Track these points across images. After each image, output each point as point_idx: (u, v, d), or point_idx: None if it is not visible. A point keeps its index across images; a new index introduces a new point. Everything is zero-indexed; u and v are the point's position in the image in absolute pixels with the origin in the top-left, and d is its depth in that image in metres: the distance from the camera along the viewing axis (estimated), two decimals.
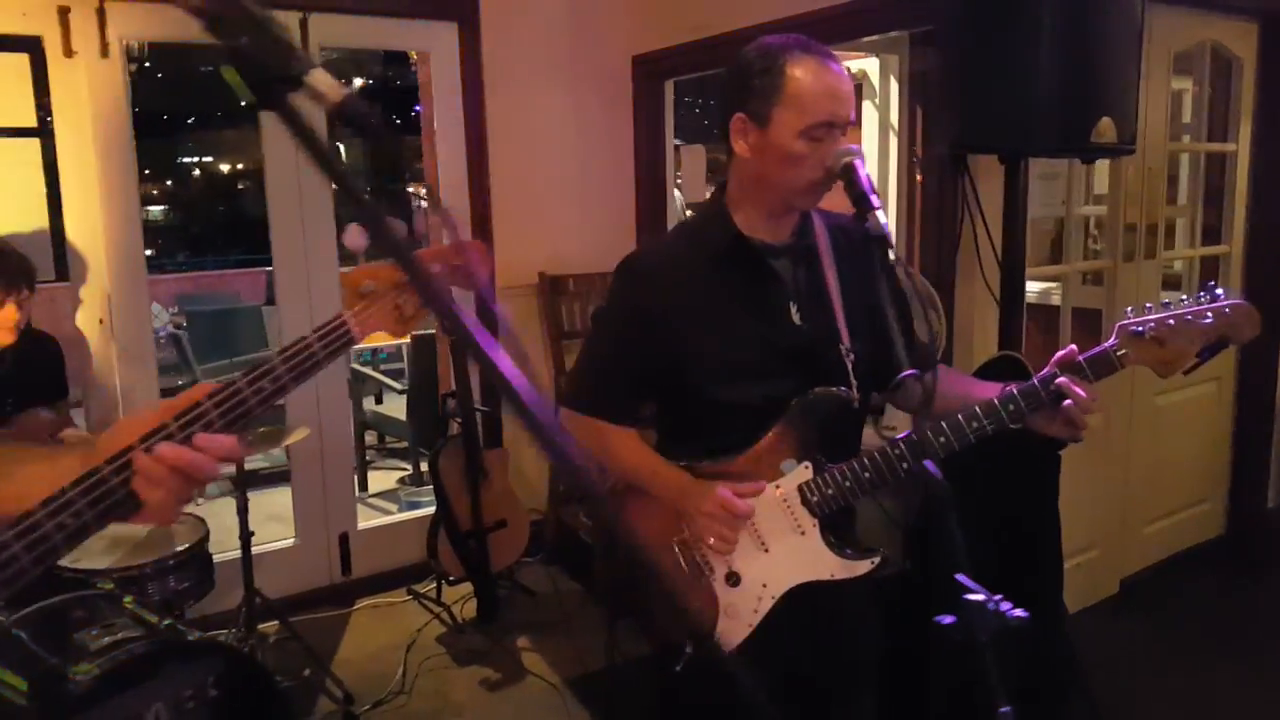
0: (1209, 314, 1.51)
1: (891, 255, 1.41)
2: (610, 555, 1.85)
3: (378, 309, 1.15)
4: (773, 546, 1.66)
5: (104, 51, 3.32)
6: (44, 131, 3.33)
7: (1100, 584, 3.86)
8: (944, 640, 1.18)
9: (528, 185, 4.22)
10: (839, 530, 1.69)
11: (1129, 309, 1.57)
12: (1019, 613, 1.19)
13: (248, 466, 5.39)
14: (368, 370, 5.83)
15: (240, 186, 22.03)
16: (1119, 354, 1.54)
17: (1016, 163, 2.55)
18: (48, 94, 3.28)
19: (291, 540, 4.08)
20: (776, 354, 1.66)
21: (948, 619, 1.20)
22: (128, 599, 2.44)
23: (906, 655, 2.40)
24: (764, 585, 1.67)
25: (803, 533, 1.65)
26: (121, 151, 3.44)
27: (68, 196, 3.37)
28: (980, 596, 1.19)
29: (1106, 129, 2.35)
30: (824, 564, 1.65)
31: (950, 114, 2.50)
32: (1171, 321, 1.52)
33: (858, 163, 1.52)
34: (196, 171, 20.81)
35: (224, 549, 4.09)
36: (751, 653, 1.65)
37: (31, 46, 3.26)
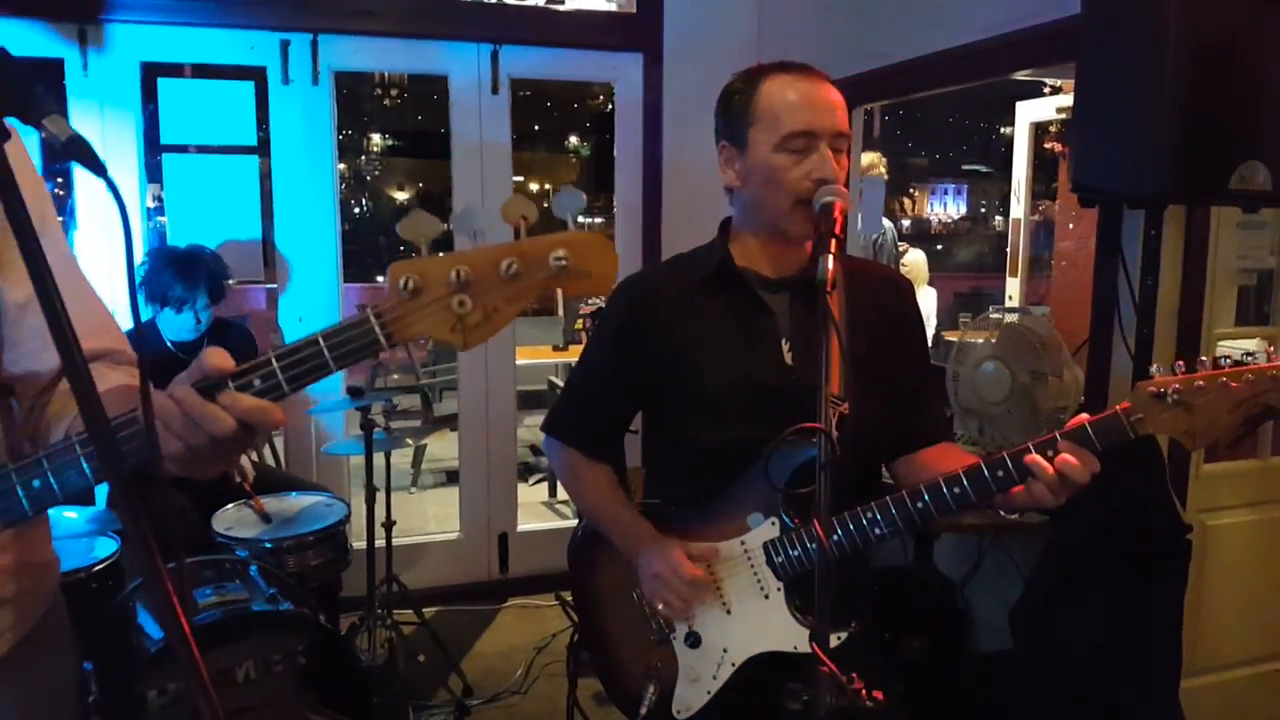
0: (1249, 376, 1.27)
1: (831, 305, 1.32)
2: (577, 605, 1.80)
3: (419, 310, 0.98)
4: (736, 608, 1.55)
5: (315, 79, 3.75)
6: (262, 150, 3.81)
7: None
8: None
9: (702, 216, 4.24)
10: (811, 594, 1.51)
11: (1156, 366, 1.35)
12: (878, 696, 1.10)
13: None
14: (559, 381, 6.08)
15: (546, 205, 23.66)
16: (1133, 419, 1.32)
17: (1157, 210, 2.29)
18: (267, 117, 3.75)
19: (456, 534, 4.37)
20: (760, 393, 1.56)
21: (796, 686, 1.12)
22: (253, 567, 2.73)
23: None
24: (724, 650, 1.55)
25: (767, 596, 1.53)
26: (325, 168, 3.86)
27: (278, 208, 3.82)
28: (827, 669, 1.10)
29: (1254, 174, 2.06)
30: (786, 633, 1.50)
31: (1074, 155, 2.28)
32: (1200, 384, 1.29)
33: (838, 204, 1.44)
34: None
35: (415, 533, 4.43)
36: None
37: (256, 75, 3.74)
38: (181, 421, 0.93)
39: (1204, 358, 1.31)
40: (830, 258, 1.35)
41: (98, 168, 0.82)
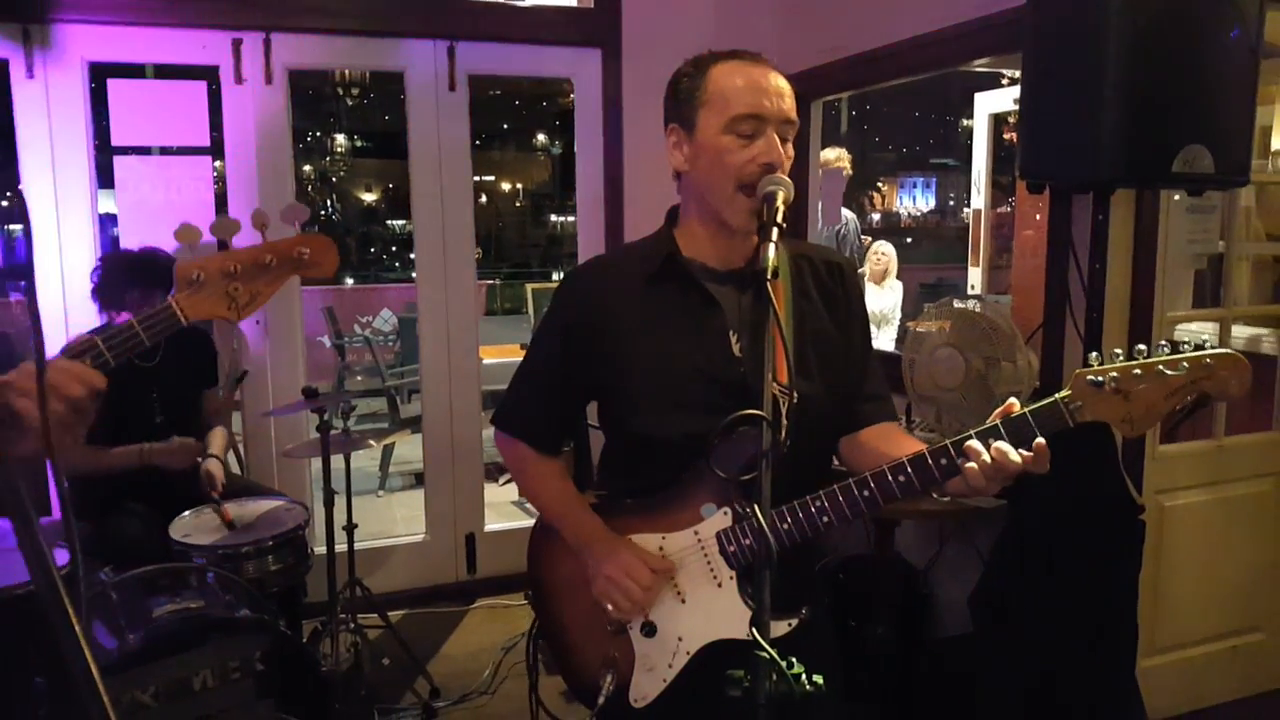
0: (1184, 364, 1.29)
1: (770, 289, 1.32)
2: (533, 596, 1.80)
3: (205, 295, 1.33)
4: (690, 597, 1.56)
5: (268, 78, 3.71)
6: (215, 150, 3.76)
7: (1265, 673, 3.36)
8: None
9: (663, 209, 4.23)
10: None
11: (1094, 354, 1.36)
12: (818, 680, 1.09)
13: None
14: None
15: (518, 204, 23.60)
16: (1072, 406, 1.33)
17: (1104, 195, 2.30)
18: (220, 116, 3.70)
19: (422, 536, 4.34)
20: (710, 385, 1.55)
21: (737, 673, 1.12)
22: (210, 574, 2.69)
23: None
24: (679, 639, 1.56)
25: (720, 585, 1.53)
26: (280, 166, 3.82)
27: (234, 210, 3.77)
28: (768, 655, 1.09)
29: (1196, 158, 2.08)
30: (740, 621, 1.49)
31: (1022, 142, 2.30)
32: (1138, 371, 1.30)
33: (780, 193, 1.45)
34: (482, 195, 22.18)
35: (382, 536, 4.39)
36: (667, 710, 1.57)
37: (209, 75, 3.69)
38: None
39: (1141, 345, 1.32)
40: (772, 246, 1.36)
41: None
